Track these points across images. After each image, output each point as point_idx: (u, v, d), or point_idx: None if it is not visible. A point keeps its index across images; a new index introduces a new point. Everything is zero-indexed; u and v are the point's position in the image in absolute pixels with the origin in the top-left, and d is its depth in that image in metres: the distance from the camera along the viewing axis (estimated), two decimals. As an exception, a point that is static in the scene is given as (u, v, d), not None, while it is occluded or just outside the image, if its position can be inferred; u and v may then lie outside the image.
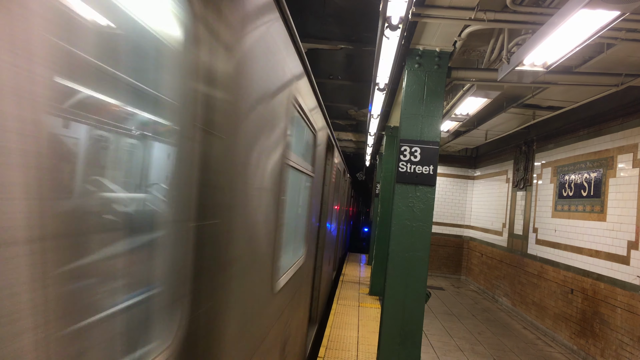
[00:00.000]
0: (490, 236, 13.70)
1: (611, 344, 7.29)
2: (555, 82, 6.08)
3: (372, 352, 7.40)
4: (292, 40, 2.75)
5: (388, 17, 3.46)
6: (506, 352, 8.23)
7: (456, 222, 16.15)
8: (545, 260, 9.79)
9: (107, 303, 1.20)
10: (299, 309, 4.49)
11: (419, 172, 4.97)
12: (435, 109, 5.07)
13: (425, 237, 5.05)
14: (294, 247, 4.29)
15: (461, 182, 16.20)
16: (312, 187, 4.81)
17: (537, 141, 10.85)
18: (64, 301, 0.95)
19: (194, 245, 1.52)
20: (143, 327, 1.40)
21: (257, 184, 2.25)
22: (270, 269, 2.75)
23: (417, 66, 5.08)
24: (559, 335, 8.95)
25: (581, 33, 3.63)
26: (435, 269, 15.89)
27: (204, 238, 1.59)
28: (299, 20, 6.33)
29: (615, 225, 7.47)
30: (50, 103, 0.88)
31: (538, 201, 10.50)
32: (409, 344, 5.03)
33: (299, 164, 3.52)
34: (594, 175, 8.22)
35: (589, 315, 7.99)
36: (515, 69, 4.70)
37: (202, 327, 1.63)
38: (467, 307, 11.60)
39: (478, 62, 6.79)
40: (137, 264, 1.36)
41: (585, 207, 8.41)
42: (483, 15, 4.26)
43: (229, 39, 1.67)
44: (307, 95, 3.52)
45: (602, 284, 7.69)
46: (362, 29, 6.38)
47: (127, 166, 1.35)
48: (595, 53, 5.69)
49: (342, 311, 9.81)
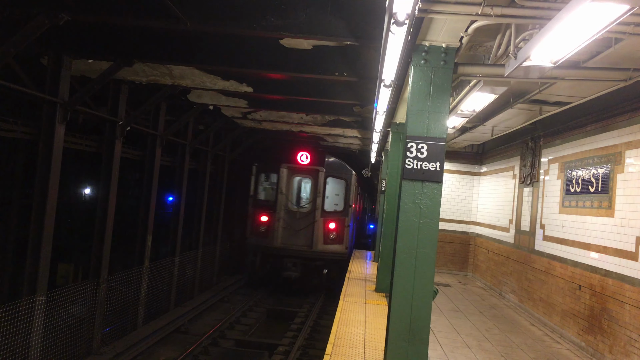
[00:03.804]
0: (497, 232, 13.65)
1: (619, 341, 7.26)
2: (562, 77, 6.04)
3: (380, 349, 7.40)
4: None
5: (394, 13, 3.43)
6: (514, 349, 8.21)
7: (463, 219, 16.11)
8: (552, 257, 9.75)
9: None
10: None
11: (425, 169, 4.95)
12: (441, 105, 5.05)
13: (432, 233, 5.03)
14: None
15: (467, 179, 16.15)
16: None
17: (544, 137, 10.79)
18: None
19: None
20: None
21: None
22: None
23: (423, 62, 5.05)
24: (567, 331, 8.92)
25: (589, 27, 3.59)
26: (442, 266, 15.87)
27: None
28: (304, 16, 6.32)
29: (624, 221, 7.43)
30: None
31: (545, 197, 10.45)
32: (417, 341, 5.02)
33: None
34: (602, 171, 8.17)
35: (597, 311, 7.96)
36: (522, 65, 4.66)
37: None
38: (474, 304, 11.57)
39: (485, 58, 6.75)
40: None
41: (593, 203, 8.36)
42: (490, 11, 4.22)
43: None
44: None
45: (610, 280, 7.65)
46: (368, 25, 6.35)
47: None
48: (603, 48, 5.65)
49: (348, 308, 9.81)
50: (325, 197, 18.18)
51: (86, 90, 9.26)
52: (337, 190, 18.65)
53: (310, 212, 17.97)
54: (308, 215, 17.97)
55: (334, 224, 18.07)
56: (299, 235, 17.84)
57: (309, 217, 17.95)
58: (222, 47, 8.35)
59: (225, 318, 14.35)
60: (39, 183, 8.78)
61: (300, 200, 18.43)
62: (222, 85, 10.43)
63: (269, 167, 18.49)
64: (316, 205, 17.87)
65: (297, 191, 18.50)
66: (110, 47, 8.50)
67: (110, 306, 10.97)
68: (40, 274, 8.64)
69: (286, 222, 17.87)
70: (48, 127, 8.81)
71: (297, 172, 18.28)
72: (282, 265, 17.56)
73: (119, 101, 10.86)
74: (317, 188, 18.01)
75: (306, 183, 18.51)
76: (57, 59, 8.74)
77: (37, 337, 8.38)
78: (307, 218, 17.98)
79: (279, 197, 17.85)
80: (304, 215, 18.01)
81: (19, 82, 8.49)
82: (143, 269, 12.51)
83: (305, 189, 18.57)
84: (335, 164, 18.60)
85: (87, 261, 11.59)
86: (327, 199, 18.30)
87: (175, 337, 12.78)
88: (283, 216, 17.83)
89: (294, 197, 18.38)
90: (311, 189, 18.32)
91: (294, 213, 18.02)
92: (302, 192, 18.57)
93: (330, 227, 18.02)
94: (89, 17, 7.04)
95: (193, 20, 6.40)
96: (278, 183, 17.98)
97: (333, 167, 18.46)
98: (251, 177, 18.56)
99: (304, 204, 18.29)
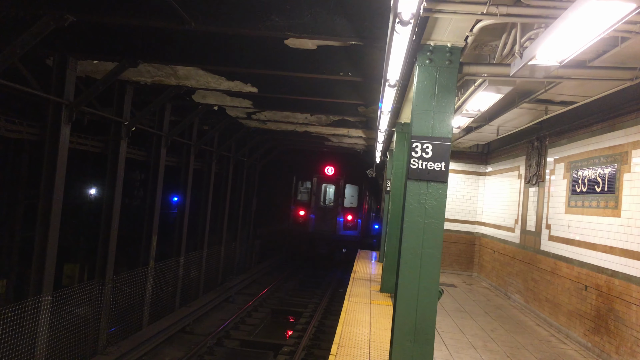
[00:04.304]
0: (503, 233, 13.61)
1: (626, 341, 7.21)
2: (568, 77, 6.00)
3: (385, 349, 7.38)
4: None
5: (399, 12, 3.42)
6: (519, 349, 8.17)
7: (468, 219, 16.06)
8: (558, 257, 9.70)
9: None
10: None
11: (430, 169, 4.93)
12: (446, 105, 5.03)
13: (437, 234, 5.01)
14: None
15: (473, 179, 16.10)
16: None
17: (549, 137, 10.75)
18: None
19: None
20: None
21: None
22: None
23: (428, 62, 5.03)
24: (573, 332, 8.87)
25: (595, 26, 3.57)
26: (447, 266, 15.83)
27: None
28: (308, 16, 6.31)
29: (630, 221, 7.38)
30: None
31: (551, 197, 10.40)
32: (422, 341, 5.00)
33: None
34: (608, 171, 8.13)
35: (604, 312, 7.91)
36: (527, 64, 4.64)
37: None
38: (480, 304, 11.54)
39: (490, 57, 6.73)
40: None
41: (599, 202, 8.31)
42: (495, 10, 4.20)
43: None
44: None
45: (616, 280, 7.61)
46: (372, 25, 6.34)
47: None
48: (609, 47, 5.61)
49: (353, 308, 9.80)
50: (344, 197, 26.54)
51: (91, 91, 9.28)
52: (352, 193, 27.05)
53: (334, 208, 26.42)
54: (332, 210, 26.41)
55: (350, 216, 26.51)
56: (326, 223, 25.92)
57: (333, 211, 26.35)
58: (226, 47, 8.36)
59: (230, 318, 14.38)
60: (45, 183, 8.82)
61: (327, 200, 26.74)
62: (226, 86, 10.44)
63: (305, 177, 26.79)
64: (338, 203, 26.38)
65: (325, 193, 26.68)
66: (115, 47, 8.53)
67: (116, 306, 11.00)
68: (46, 274, 8.68)
69: (317, 215, 26.10)
70: (54, 128, 8.85)
71: (325, 181, 26.63)
72: (314, 245, 25.72)
73: (124, 102, 10.90)
74: (338, 191, 26.48)
75: (330, 188, 26.78)
76: (63, 59, 8.77)
77: (43, 337, 8.41)
78: (332, 212, 26.38)
79: (312, 197, 26.18)
80: (330, 210, 26.43)
81: (25, 83, 8.52)
82: (148, 269, 12.55)
83: (330, 192, 26.79)
84: (351, 174, 26.08)
85: (92, 261, 11.63)
86: (346, 199, 26.62)
87: (180, 337, 12.81)
88: (315, 211, 26.09)
89: (322, 198, 26.64)
90: (334, 192, 26.64)
91: (323, 208, 26.38)
92: (328, 194, 26.76)
93: (348, 218, 26.46)
94: (94, 18, 7.06)
95: (197, 21, 6.41)
96: (311, 188, 26.41)
97: (350, 177, 26.32)
98: (292, 185, 26.77)
99: (329, 202, 26.66)
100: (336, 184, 26.54)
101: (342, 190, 26.41)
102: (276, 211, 28.85)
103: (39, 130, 9.36)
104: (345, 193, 26.58)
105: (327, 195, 26.75)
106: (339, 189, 26.40)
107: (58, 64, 8.78)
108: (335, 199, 26.51)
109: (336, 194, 26.41)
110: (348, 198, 26.70)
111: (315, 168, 26.22)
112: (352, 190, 26.98)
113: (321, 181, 26.50)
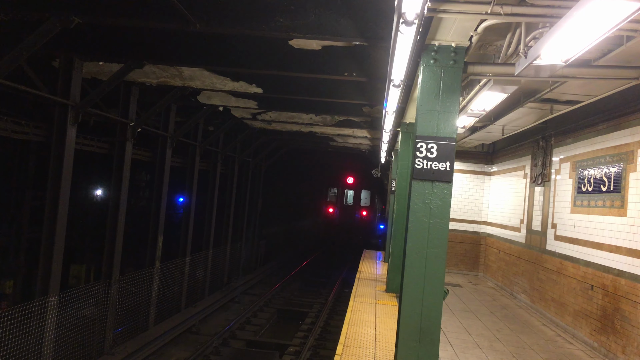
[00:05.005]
0: (508, 232, 13.58)
1: (633, 341, 7.18)
2: (573, 76, 5.98)
3: (390, 349, 7.39)
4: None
5: (403, 12, 3.43)
6: (525, 349, 8.15)
7: (473, 219, 16.03)
8: (564, 257, 9.67)
9: None
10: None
11: (435, 169, 4.93)
12: (451, 105, 5.03)
13: (442, 233, 5.01)
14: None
15: (478, 178, 16.06)
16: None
17: (555, 136, 10.71)
18: None
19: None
20: None
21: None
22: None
23: (432, 62, 5.03)
24: (579, 332, 8.84)
25: (600, 26, 3.56)
26: (453, 266, 15.80)
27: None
28: (313, 17, 6.32)
29: (636, 221, 7.35)
30: None
31: (557, 197, 10.37)
32: (427, 341, 5.00)
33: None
34: (614, 170, 8.10)
35: (610, 311, 7.88)
36: (532, 63, 4.63)
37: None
38: (485, 304, 11.51)
39: (494, 57, 6.72)
40: None
41: (605, 202, 8.28)
42: (500, 9, 4.20)
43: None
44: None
45: (623, 280, 7.58)
46: (376, 25, 6.35)
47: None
48: (614, 46, 5.60)
49: (359, 308, 9.80)
50: (360, 199, 37.81)
51: (97, 92, 9.33)
52: (366, 195, 38.02)
53: (353, 206, 37.65)
54: (352, 207, 37.61)
55: (365, 212, 37.69)
56: (348, 217, 36.91)
57: (353, 208, 37.54)
58: (231, 48, 8.38)
59: (236, 318, 14.41)
60: (51, 184, 8.87)
61: (348, 200, 37.80)
62: (231, 87, 10.47)
63: (332, 185, 37.63)
64: (355, 202, 37.68)
65: (346, 196, 37.83)
66: (121, 49, 8.56)
67: (122, 306, 11.05)
68: (52, 274, 8.73)
69: (341, 211, 37.17)
70: (60, 129, 8.90)
71: (346, 187, 37.82)
72: (339, 233, 35.86)
73: (130, 103, 10.94)
74: (356, 194, 37.77)
75: (350, 192, 37.87)
76: (69, 61, 8.82)
77: (49, 338, 8.47)
78: (352, 209, 37.56)
79: (337, 199, 37.43)
80: (350, 207, 37.57)
81: (31, 85, 8.58)
82: (154, 270, 12.59)
83: (350, 195, 37.91)
84: (365, 182, 36.18)
85: (99, 262, 11.69)
86: (361, 199, 37.85)
87: (186, 337, 12.85)
88: (340, 208, 37.19)
89: (345, 199, 37.70)
90: (353, 195, 37.84)
91: (345, 206, 37.49)
92: (349, 197, 37.87)
93: (363, 213, 37.63)
94: (100, 20, 7.10)
95: (202, 22, 6.44)
96: (337, 192, 37.58)
97: (364, 184, 36.93)
98: (323, 190, 37.48)
99: (350, 202, 37.74)
100: (354, 189, 37.96)
101: (359, 194, 37.86)
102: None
103: (45, 131, 9.41)
104: (361, 196, 37.91)
105: (348, 197, 38.01)
106: (357, 193, 37.88)
107: (64, 66, 8.83)
108: (354, 200, 37.84)
109: (355, 197, 37.84)
110: (363, 199, 38.04)
111: (340, 179, 37.65)
112: (366, 194, 38.04)
113: (344, 188, 37.96)
